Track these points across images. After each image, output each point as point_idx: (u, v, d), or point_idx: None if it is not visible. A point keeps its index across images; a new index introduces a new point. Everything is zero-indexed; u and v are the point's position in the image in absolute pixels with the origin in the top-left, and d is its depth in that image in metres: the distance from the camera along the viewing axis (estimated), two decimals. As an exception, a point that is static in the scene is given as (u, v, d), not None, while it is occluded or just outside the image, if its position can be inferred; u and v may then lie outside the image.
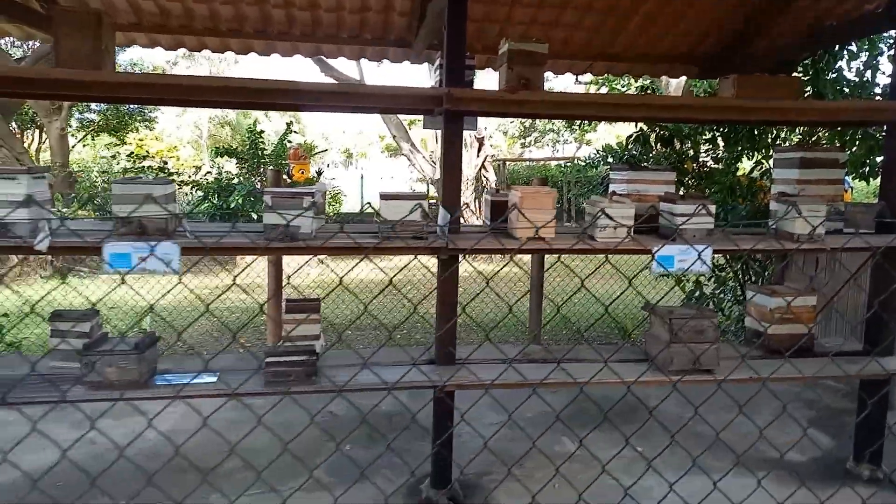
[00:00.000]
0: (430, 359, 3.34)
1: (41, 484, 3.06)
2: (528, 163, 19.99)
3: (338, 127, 35.87)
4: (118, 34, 4.56)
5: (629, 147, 5.83)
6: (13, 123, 8.66)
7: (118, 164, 9.30)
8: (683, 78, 5.82)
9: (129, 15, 4.52)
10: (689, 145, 5.63)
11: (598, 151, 6.63)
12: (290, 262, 8.41)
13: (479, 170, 12.61)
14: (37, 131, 12.30)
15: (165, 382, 2.84)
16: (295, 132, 12.61)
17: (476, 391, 3.01)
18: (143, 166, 9.10)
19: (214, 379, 2.91)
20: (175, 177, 9.91)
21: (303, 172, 13.72)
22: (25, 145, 10.65)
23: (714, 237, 3.11)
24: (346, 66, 12.75)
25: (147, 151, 13.33)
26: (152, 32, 4.73)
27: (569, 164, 16.09)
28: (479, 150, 12.46)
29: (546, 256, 5.56)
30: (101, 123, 13.51)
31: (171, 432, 3.75)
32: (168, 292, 6.21)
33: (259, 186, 11.64)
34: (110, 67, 3.10)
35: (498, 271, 2.28)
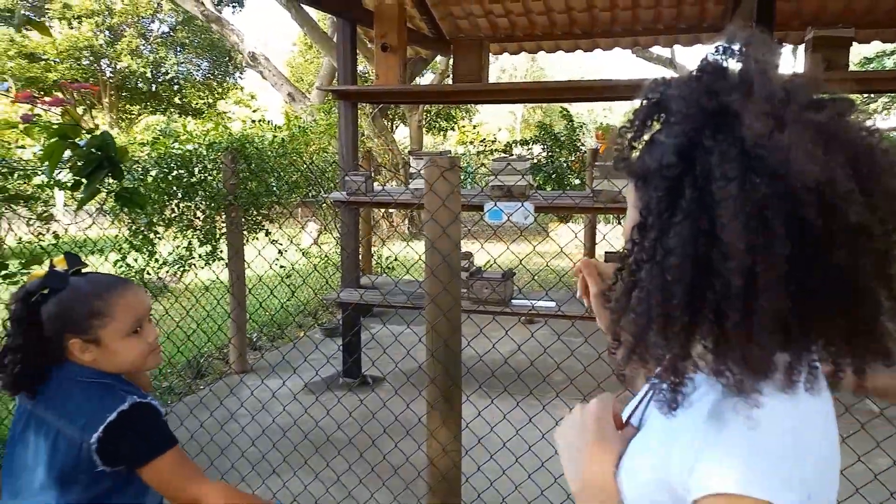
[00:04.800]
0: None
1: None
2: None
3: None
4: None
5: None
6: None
7: (475, 149, 11.24)
8: None
9: (487, 30, 5.80)
10: None
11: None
12: (608, 237, 9.26)
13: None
14: (388, 123, 15.18)
15: (520, 304, 3.95)
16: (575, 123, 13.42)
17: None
18: (493, 149, 10.96)
19: (553, 304, 3.93)
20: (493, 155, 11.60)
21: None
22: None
23: None
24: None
25: (470, 137, 15.59)
26: (502, 42, 5.96)
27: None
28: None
29: None
30: (434, 116, 15.97)
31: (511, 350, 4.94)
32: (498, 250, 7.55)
33: (565, 165, 12.78)
34: (486, 78, 4.30)
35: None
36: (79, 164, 2.26)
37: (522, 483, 2.37)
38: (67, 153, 2.25)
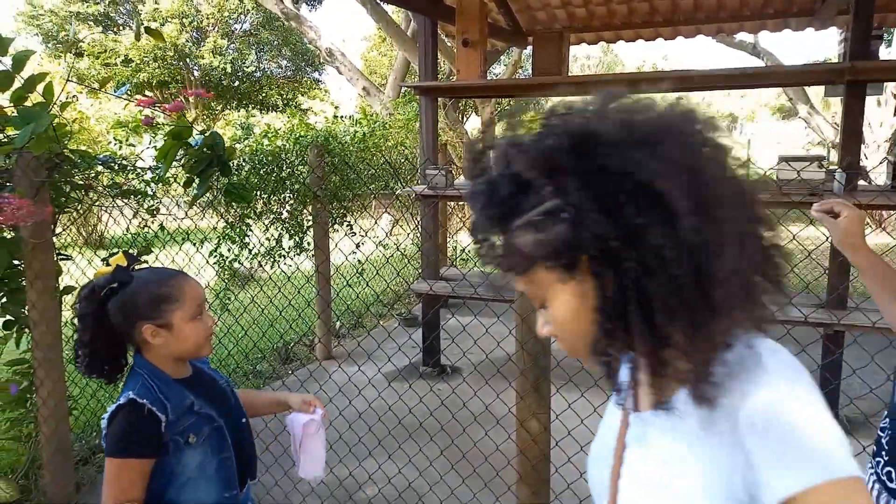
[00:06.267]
0: (820, 303, 3.78)
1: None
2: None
3: (719, 91, 34.17)
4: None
5: None
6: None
7: None
8: None
9: (565, 21, 5.76)
10: None
11: None
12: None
13: (897, 130, 11.17)
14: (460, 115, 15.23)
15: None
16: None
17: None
18: None
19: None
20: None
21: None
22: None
23: None
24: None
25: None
26: (580, 32, 5.90)
27: None
28: (897, 108, 11.03)
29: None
30: (507, 106, 15.93)
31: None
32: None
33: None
34: (566, 71, 4.29)
35: None
36: (191, 162, 2.43)
37: (610, 475, 2.38)
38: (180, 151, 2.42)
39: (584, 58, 29.76)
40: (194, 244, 3.88)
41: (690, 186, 0.65)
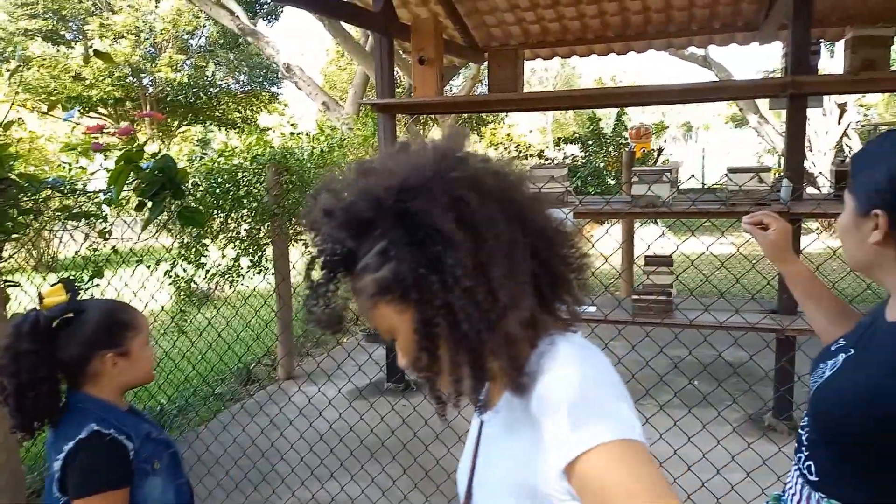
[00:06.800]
0: (772, 309, 3.89)
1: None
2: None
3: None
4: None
5: None
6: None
7: (508, 154, 11.36)
8: None
9: (520, 37, 5.85)
10: None
11: None
12: (643, 237, 9.19)
13: (841, 138, 11.63)
14: (421, 127, 15.28)
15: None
16: (625, 113, 13.30)
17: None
18: (527, 154, 11.07)
19: (594, 309, 3.96)
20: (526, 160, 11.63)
21: (644, 151, 14.35)
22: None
23: None
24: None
25: (499, 141, 15.76)
26: (535, 48, 6.01)
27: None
28: (841, 117, 11.49)
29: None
30: (466, 119, 16.04)
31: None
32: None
33: (601, 166, 12.70)
34: (521, 87, 4.36)
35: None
36: (143, 186, 2.39)
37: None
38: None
39: (543, 70, 30.19)
40: (148, 266, 3.80)
41: (462, 216, 0.77)
